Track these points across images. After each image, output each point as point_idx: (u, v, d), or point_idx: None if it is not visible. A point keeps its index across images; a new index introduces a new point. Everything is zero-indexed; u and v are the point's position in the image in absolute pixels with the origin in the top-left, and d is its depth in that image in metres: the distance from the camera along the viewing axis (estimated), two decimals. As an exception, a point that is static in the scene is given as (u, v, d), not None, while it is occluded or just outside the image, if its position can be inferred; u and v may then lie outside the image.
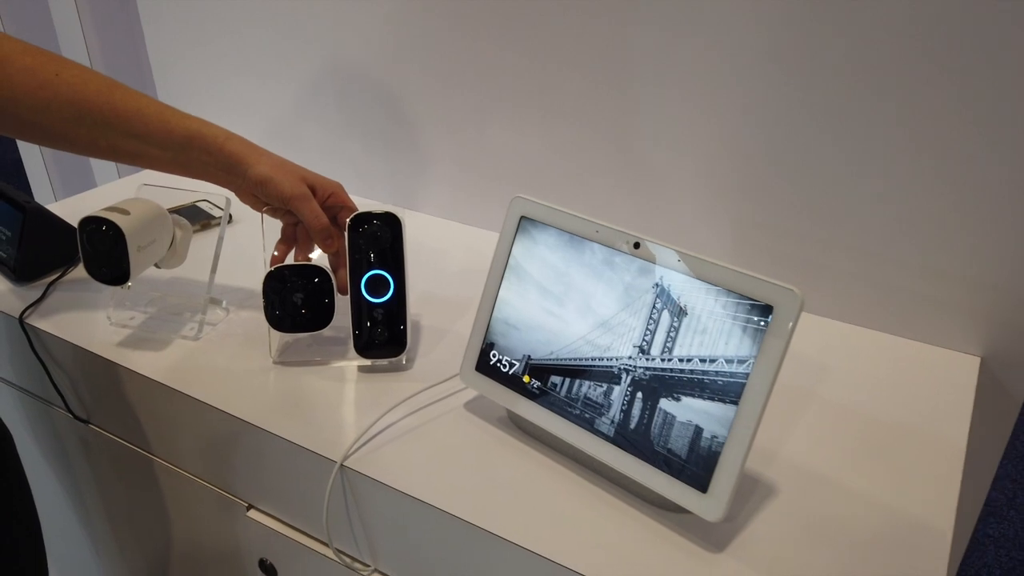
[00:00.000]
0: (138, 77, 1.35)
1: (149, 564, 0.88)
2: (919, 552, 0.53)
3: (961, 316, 0.73)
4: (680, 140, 0.81)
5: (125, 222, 0.68)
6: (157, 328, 0.77)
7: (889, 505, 0.57)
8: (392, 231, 0.69)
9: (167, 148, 0.69)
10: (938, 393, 0.69)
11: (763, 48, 0.73)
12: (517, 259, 0.62)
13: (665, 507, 0.56)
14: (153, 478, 0.78)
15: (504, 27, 0.86)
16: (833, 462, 0.61)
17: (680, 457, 0.53)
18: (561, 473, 0.60)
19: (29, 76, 0.64)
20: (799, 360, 0.73)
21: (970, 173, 0.68)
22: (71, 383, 0.79)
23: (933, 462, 0.61)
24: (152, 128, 0.68)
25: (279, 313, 0.70)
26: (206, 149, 0.69)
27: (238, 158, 0.69)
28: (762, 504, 0.57)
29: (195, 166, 0.70)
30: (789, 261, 0.80)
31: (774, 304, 0.50)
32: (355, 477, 0.60)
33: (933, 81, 0.67)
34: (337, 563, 0.65)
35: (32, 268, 0.84)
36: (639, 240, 0.56)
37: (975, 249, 0.71)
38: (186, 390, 0.68)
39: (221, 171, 0.70)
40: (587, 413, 0.58)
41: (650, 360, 0.55)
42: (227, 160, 0.69)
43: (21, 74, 0.64)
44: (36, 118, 0.65)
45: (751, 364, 0.50)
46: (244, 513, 0.71)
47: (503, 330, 0.63)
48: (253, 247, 0.92)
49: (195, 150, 0.69)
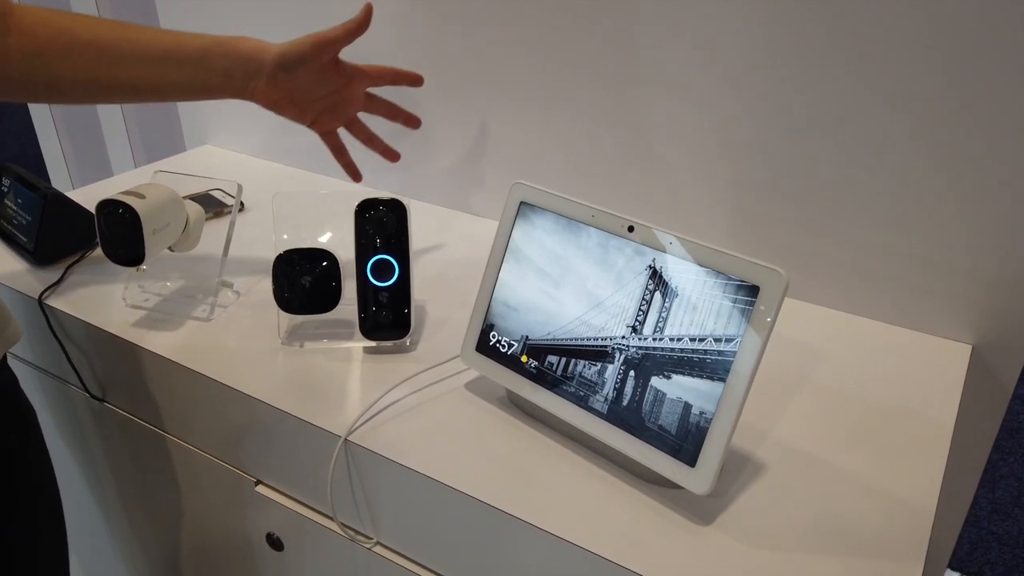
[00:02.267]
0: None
1: (160, 538, 0.91)
2: (902, 529, 0.55)
3: (953, 305, 0.75)
4: (678, 132, 0.82)
5: (141, 205, 0.70)
6: (170, 309, 0.80)
7: (875, 484, 0.59)
8: (397, 217, 0.71)
9: (186, 64, 0.70)
10: (928, 379, 0.71)
11: (760, 43, 0.74)
12: (517, 243, 0.64)
13: (656, 482, 0.58)
14: (165, 454, 0.81)
15: (506, 22, 0.88)
16: (822, 443, 0.63)
17: (670, 433, 0.55)
18: (557, 449, 0.62)
19: (47, 27, 0.66)
20: (793, 345, 0.75)
21: (963, 166, 0.70)
22: (87, 362, 0.82)
23: (920, 444, 0.63)
24: (168, 49, 0.69)
25: (288, 295, 0.73)
26: (224, 54, 0.71)
27: (255, 49, 0.71)
28: (750, 481, 0.59)
29: (216, 76, 0.71)
30: (785, 250, 0.81)
31: (761, 284, 0.51)
32: (359, 452, 0.63)
33: (925, 74, 0.68)
34: (341, 536, 0.68)
35: (51, 251, 0.86)
36: (633, 224, 0.58)
37: (967, 240, 0.72)
38: (198, 369, 0.71)
39: (240, 71, 0.71)
40: (582, 391, 0.60)
41: (642, 339, 0.57)
42: (246, 55, 0.71)
43: (40, 27, 0.66)
44: (61, 68, 0.67)
45: (738, 343, 0.52)
46: (253, 488, 0.74)
47: (502, 312, 0.65)
48: (263, 233, 0.95)
49: (214, 57, 0.70)
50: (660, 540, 0.54)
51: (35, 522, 0.71)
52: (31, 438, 0.70)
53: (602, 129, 0.87)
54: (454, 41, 0.93)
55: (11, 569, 0.68)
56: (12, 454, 0.67)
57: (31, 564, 0.70)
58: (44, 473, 0.72)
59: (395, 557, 0.66)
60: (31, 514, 0.70)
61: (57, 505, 0.74)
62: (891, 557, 0.52)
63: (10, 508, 0.67)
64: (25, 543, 0.70)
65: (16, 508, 0.68)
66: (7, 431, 0.67)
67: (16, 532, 0.68)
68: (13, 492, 0.68)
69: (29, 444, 0.70)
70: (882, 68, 0.70)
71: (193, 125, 1.26)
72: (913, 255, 0.75)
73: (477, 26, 0.91)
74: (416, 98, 1.00)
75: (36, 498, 0.71)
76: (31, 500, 0.70)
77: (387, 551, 0.66)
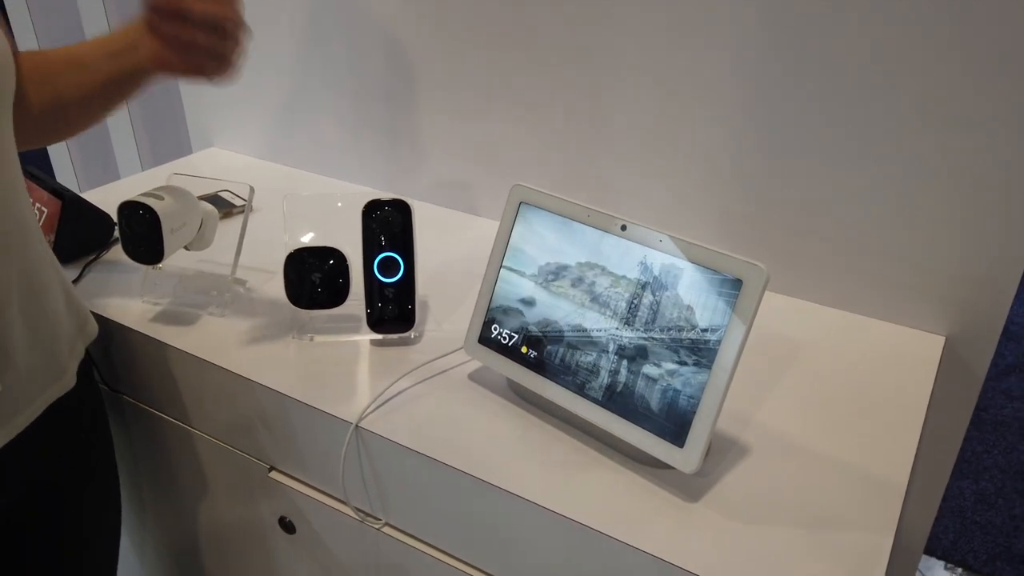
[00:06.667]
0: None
1: (175, 523, 0.95)
2: (875, 506, 0.59)
3: (927, 299, 0.79)
4: (670, 135, 0.87)
5: (160, 206, 0.74)
6: (186, 305, 0.84)
7: (851, 465, 0.63)
8: (402, 217, 0.75)
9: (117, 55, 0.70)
10: (903, 368, 0.75)
11: (746, 46, 0.79)
12: (516, 241, 0.69)
13: (648, 462, 0.62)
14: (180, 442, 0.85)
15: (502, 29, 0.92)
16: (802, 427, 0.67)
17: (660, 417, 0.59)
18: (555, 434, 0.66)
19: (39, 58, 0.69)
20: (776, 337, 0.79)
21: (938, 169, 0.74)
22: (105, 355, 0.86)
23: (893, 429, 0.67)
24: (92, 48, 0.71)
25: (298, 292, 0.77)
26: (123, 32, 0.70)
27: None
28: (735, 462, 0.63)
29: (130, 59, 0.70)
30: (770, 247, 0.86)
31: (743, 278, 0.56)
32: (369, 437, 0.67)
33: (901, 78, 0.73)
34: (352, 518, 0.72)
35: (69, 250, 0.90)
36: (626, 223, 0.62)
37: (941, 237, 0.77)
38: (214, 360, 0.75)
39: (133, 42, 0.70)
40: (578, 379, 0.64)
41: (634, 331, 0.61)
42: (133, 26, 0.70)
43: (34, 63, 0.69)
44: (69, 92, 0.70)
45: (722, 332, 0.56)
46: (266, 474, 0.78)
47: (503, 305, 0.69)
48: (271, 233, 0.99)
49: (119, 39, 0.70)
50: (651, 515, 0.58)
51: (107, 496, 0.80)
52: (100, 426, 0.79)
53: (596, 132, 0.92)
54: (453, 47, 0.97)
55: (65, 548, 0.73)
56: (85, 435, 0.75)
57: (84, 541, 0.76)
58: (105, 461, 0.79)
59: (403, 537, 0.70)
60: (103, 488, 0.78)
61: (115, 488, 0.81)
62: (864, 531, 0.57)
63: (87, 482, 0.75)
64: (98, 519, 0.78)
65: (92, 479, 0.76)
66: (86, 419, 0.74)
67: (85, 512, 0.75)
68: (91, 469, 0.76)
69: (97, 428, 0.78)
70: (863, 75, 0.74)
71: (199, 128, 1.30)
72: (890, 252, 0.80)
73: (476, 32, 0.95)
74: (419, 103, 1.04)
75: (91, 483, 0.77)
76: (103, 477, 0.78)
77: (396, 531, 0.70)
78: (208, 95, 1.25)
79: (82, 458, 0.74)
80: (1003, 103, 0.69)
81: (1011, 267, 0.74)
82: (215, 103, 1.25)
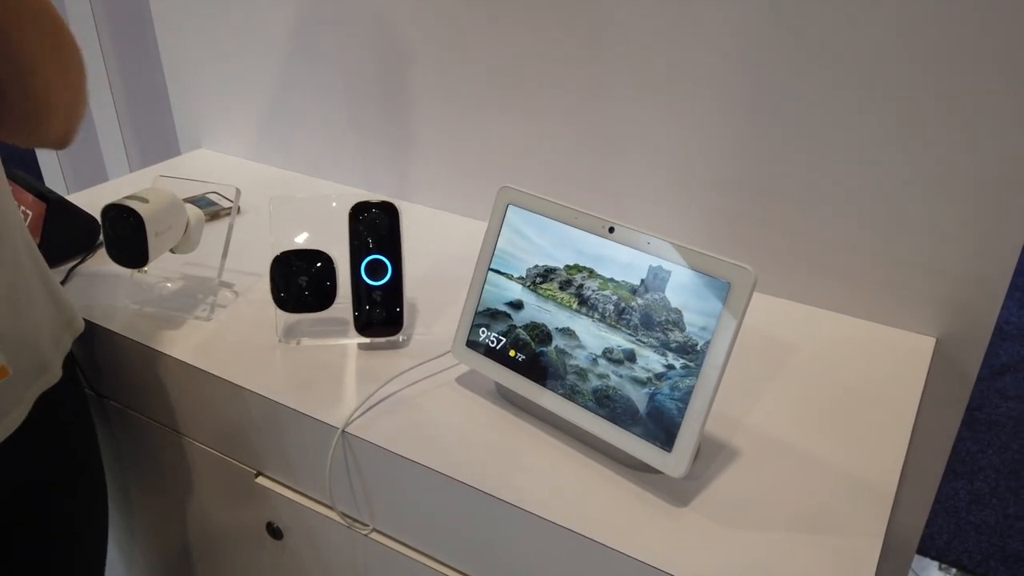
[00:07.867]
0: (148, 72, 1.40)
1: (164, 529, 0.94)
2: (865, 508, 0.59)
3: (917, 300, 0.79)
4: (657, 137, 0.86)
5: (145, 209, 0.73)
6: (172, 309, 0.83)
7: (841, 467, 0.63)
8: (390, 219, 0.75)
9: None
10: (893, 370, 0.75)
11: (734, 51, 0.78)
12: (504, 243, 0.68)
13: (636, 467, 0.62)
14: (166, 448, 0.84)
15: (491, 31, 0.92)
16: (792, 430, 0.67)
17: (648, 421, 0.58)
18: (543, 438, 0.66)
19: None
20: (765, 339, 0.79)
21: (927, 170, 0.74)
22: (91, 360, 0.85)
23: (884, 430, 0.67)
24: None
25: (284, 295, 0.76)
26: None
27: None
28: (724, 466, 0.63)
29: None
30: (759, 249, 0.85)
31: (731, 281, 0.55)
32: (356, 442, 0.66)
33: (889, 76, 0.72)
34: (339, 523, 0.71)
35: (54, 254, 0.89)
36: (613, 225, 0.62)
37: (931, 239, 0.76)
38: (200, 365, 0.74)
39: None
40: (567, 383, 0.63)
41: (623, 334, 0.60)
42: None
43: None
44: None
45: (711, 335, 0.56)
46: (253, 480, 0.77)
47: (491, 309, 0.68)
48: (258, 235, 0.98)
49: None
50: (640, 521, 0.57)
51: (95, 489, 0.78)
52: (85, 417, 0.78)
53: (584, 134, 0.91)
54: (442, 51, 0.97)
55: (54, 542, 0.73)
56: (71, 428, 0.74)
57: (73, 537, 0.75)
58: (92, 453, 0.78)
59: (391, 543, 0.69)
60: (92, 481, 0.77)
61: (102, 481, 0.80)
62: (853, 533, 0.56)
63: (74, 475, 0.74)
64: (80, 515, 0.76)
65: (83, 472, 0.75)
66: (71, 412, 0.73)
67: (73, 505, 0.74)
68: (80, 463, 0.75)
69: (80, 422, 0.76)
70: (850, 77, 0.74)
71: (187, 129, 1.29)
72: (880, 253, 0.79)
73: (466, 35, 0.94)
74: (408, 105, 1.03)
75: (79, 476, 0.75)
76: (91, 470, 0.77)
77: (383, 537, 0.70)
78: (197, 96, 1.25)
79: (70, 451, 0.74)
80: (995, 105, 0.69)
81: (1001, 268, 0.74)
82: (203, 104, 1.24)
